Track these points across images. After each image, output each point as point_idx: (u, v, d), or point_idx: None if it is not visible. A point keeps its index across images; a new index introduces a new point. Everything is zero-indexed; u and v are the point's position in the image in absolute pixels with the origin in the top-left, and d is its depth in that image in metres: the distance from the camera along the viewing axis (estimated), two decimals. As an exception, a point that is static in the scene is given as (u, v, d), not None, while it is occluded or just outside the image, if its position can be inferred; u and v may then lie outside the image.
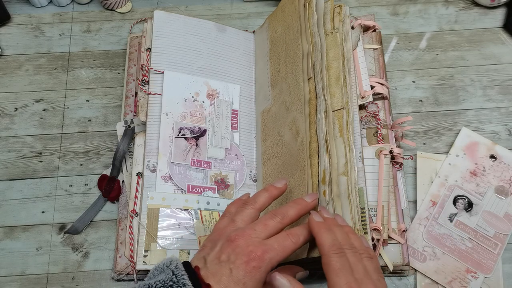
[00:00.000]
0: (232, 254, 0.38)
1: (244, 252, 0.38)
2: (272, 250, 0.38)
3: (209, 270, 0.37)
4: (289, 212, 0.42)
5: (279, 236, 0.40)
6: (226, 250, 0.38)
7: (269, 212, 0.42)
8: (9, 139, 0.62)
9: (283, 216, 0.41)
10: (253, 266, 0.37)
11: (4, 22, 0.68)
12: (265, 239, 0.39)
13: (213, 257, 0.38)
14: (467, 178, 0.57)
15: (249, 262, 0.37)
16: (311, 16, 0.55)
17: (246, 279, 0.37)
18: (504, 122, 0.62)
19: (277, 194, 0.45)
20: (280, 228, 0.41)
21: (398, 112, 0.63)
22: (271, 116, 0.57)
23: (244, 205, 0.42)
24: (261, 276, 0.37)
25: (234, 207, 0.44)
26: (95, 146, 0.61)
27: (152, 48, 0.59)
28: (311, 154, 0.49)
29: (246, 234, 0.39)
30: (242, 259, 0.37)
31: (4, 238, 0.56)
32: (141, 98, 0.57)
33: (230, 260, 0.37)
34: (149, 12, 0.69)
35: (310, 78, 0.52)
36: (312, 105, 0.51)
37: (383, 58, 0.61)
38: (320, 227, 0.40)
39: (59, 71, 0.66)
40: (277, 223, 0.40)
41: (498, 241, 0.54)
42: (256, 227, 0.40)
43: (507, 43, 0.67)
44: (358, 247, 0.40)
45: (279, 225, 0.41)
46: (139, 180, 0.54)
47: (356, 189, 0.50)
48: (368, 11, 0.69)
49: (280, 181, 0.45)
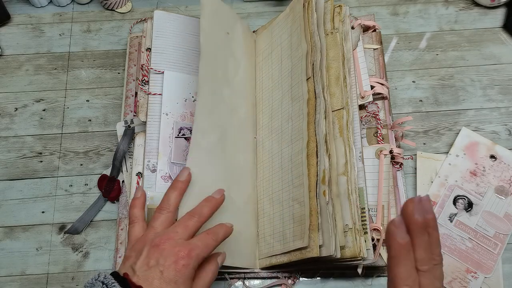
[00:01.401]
0: (160, 257, 0.40)
1: (172, 253, 0.40)
2: (197, 248, 0.41)
3: (140, 277, 0.39)
4: (203, 211, 0.44)
5: (201, 236, 0.43)
6: (154, 255, 0.40)
7: (186, 213, 0.44)
8: (9, 139, 0.62)
9: (200, 215, 0.44)
10: (182, 264, 0.39)
11: (4, 22, 0.68)
12: (188, 239, 0.42)
13: (141, 264, 0.40)
14: (467, 178, 0.57)
15: (178, 261, 0.39)
16: (311, 16, 0.55)
17: (177, 277, 0.39)
18: (504, 122, 0.62)
19: (185, 186, 0.47)
20: (199, 227, 0.44)
21: (398, 112, 0.63)
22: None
23: (160, 211, 0.44)
24: (190, 273, 0.40)
25: (137, 209, 0.46)
26: (95, 146, 0.61)
27: (152, 48, 0.59)
28: (309, 154, 0.49)
29: (170, 237, 0.41)
30: (171, 260, 0.39)
31: (4, 238, 0.56)
32: (141, 98, 0.57)
33: (159, 263, 0.39)
34: (149, 12, 0.69)
35: (309, 78, 0.52)
36: (311, 105, 0.51)
37: (383, 58, 0.61)
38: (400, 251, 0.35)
39: (59, 71, 0.66)
40: (196, 222, 0.43)
41: (498, 241, 0.54)
42: (177, 230, 0.42)
43: (507, 43, 0.67)
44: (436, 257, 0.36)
45: (198, 224, 0.43)
46: (139, 180, 0.54)
47: (356, 189, 0.50)
48: (368, 11, 0.69)
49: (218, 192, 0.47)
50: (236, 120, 0.55)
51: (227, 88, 0.55)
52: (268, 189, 0.53)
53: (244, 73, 0.59)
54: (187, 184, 0.47)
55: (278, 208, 0.51)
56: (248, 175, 0.55)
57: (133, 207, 0.47)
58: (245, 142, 0.56)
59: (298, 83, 0.53)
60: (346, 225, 0.48)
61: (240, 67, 0.58)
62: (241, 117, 0.56)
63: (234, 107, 0.55)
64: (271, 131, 0.56)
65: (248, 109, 0.58)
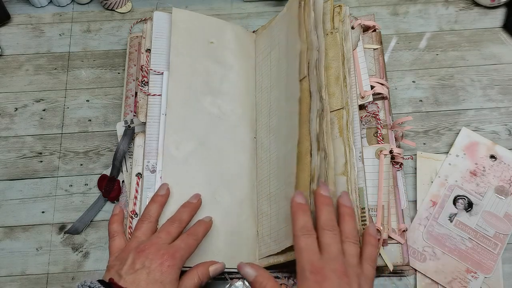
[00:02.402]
0: (146, 261, 0.42)
1: (157, 255, 0.42)
2: (181, 249, 0.44)
3: (126, 280, 0.41)
4: (183, 216, 0.47)
5: (182, 237, 0.45)
6: (139, 260, 0.42)
7: (167, 220, 0.47)
8: (9, 139, 0.62)
9: (180, 221, 0.47)
10: (168, 265, 0.42)
11: (4, 22, 0.69)
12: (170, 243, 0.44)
13: (127, 269, 0.42)
14: (467, 178, 0.57)
15: (163, 263, 0.42)
16: (307, 15, 0.54)
17: (163, 278, 0.41)
18: (504, 122, 0.62)
19: (164, 200, 0.50)
20: (180, 232, 0.46)
21: (398, 112, 0.63)
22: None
23: (141, 222, 0.47)
24: (175, 273, 0.42)
25: (116, 224, 0.49)
26: (95, 146, 0.61)
27: (151, 49, 0.58)
28: (302, 153, 0.49)
29: (154, 243, 0.44)
30: (157, 262, 0.42)
31: (4, 238, 0.56)
32: (140, 99, 0.57)
33: (145, 266, 0.42)
34: (149, 12, 0.69)
35: (304, 77, 0.52)
36: (305, 104, 0.51)
37: (383, 58, 0.61)
38: (297, 209, 0.44)
39: (59, 71, 0.66)
40: (177, 227, 0.46)
41: (498, 241, 0.54)
42: (160, 235, 0.45)
43: (507, 43, 0.67)
44: (346, 231, 0.43)
45: (179, 229, 0.46)
46: (139, 180, 0.54)
47: (356, 189, 0.50)
48: (368, 11, 0.69)
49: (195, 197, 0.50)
50: (224, 124, 0.57)
51: (210, 95, 0.57)
52: (266, 188, 0.53)
53: (237, 76, 0.60)
54: (166, 198, 0.50)
55: (275, 207, 0.51)
56: (244, 175, 0.55)
57: (111, 223, 0.49)
58: (238, 143, 0.56)
59: (293, 82, 0.53)
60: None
61: (231, 71, 0.60)
62: (232, 120, 0.57)
63: (223, 111, 0.57)
64: (269, 130, 0.56)
65: (244, 110, 0.58)
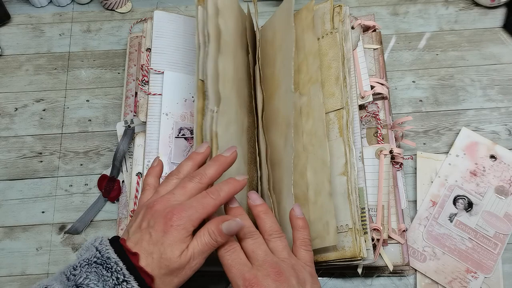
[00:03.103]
0: (151, 219, 0.38)
1: (162, 214, 0.37)
2: (190, 208, 0.38)
3: (132, 240, 0.38)
4: (207, 171, 0.40)
5: (198, 195, 0.39)
6: (146, 217, 0.38)
7: (188, 175, 0.41)
8: (9, 139, 0.62)
9: (202, 176, 0.40)
10: (171, 225, 0.37)
11: (4, 22, 0.69)
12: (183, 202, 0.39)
13: (135, 227, 0.39)
14: (467, 178, 0.57)
15: (166, 222, 0.37)
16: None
17: (164, 239, 0.37)
18: (504, 122, 0.62)
19: (201, 159, 0.43)
20: (201, 189, 0.40)
21: (398, 112, 0.63)
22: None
23: (168, 177, 0.42)
24: (179, 233, 0.37)
25: (151, 177, 0.44)
26: (95, 146, 0.61)
27: (152, 48, 0.59)
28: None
29: (164, 199, 0.39)
30: (161, 222, 0.37)
31: (4, 238, 0.56)
32: (141, 98, 0.58)
33: (150, 226, 0.38)
34: (149, 12, 0.69)
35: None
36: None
37: (383, 58, 0.61)
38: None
39: (59, 71, 0.66)
40: (196, 183, 0.39)
41: (498, 241, 0.54)
42: (175, 191, 0.39)
43: (507, 43, 0.67)
44: (266, 229, 0.41)
45: (198, 185, 0.40)
46: (139, 180, 0.54)
47: (356, 189, 0.50)
48: (368, 11, 0.69)
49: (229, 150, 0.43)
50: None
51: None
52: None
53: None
54: (205, 158, 0.42)
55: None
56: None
57: (147, 175, 0.44)
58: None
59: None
60: (346, 225, 0.48)
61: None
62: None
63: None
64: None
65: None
